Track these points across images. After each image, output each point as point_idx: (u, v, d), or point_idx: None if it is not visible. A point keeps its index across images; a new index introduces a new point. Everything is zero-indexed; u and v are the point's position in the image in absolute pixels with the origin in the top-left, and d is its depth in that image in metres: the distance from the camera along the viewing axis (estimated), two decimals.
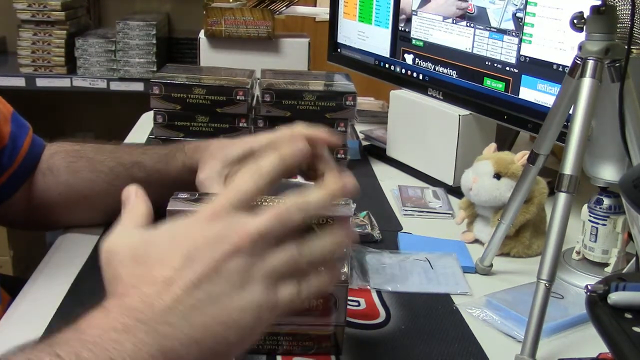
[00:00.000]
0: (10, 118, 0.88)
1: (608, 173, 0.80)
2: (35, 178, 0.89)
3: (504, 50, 1.04)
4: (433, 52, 1.19)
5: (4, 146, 0.86)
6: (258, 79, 1.21)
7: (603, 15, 0.71)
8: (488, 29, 1.06)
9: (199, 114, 1.10)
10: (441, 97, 1.17)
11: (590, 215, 0.84)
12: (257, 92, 1.17)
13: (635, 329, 0.52)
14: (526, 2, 0.99)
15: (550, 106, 0.79)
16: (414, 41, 1.23)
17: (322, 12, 1.68)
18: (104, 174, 0.88)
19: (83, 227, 0.91)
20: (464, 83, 1.13)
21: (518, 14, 1.01)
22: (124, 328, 0.44)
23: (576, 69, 0.72)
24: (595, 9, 0.71)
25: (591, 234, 0.84)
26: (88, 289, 0.76)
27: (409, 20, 1.22)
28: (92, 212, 0.91)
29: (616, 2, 0.72)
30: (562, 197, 0.67)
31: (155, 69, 2.42)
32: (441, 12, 1.15)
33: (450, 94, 1.15)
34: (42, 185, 0.89)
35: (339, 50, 1.45)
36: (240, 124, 1.11)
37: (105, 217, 0.90)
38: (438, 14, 1.15)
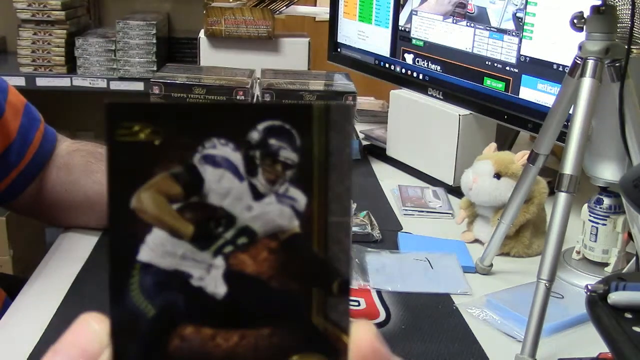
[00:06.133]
0: (23, 110, 0.87)
1: (608, 173, 0.80)
2: (49, 172, 0.88)
3: (504, 50, 1.04)
4: (433, 51, 1.19)
5: (12, 142, 0.85)
6: (258, 78, 1.21)
7: (603, 15, 0.70)
8: (488, 28, 1.06)
9: None
10: (441, 97, 1.17)
11: (590, 215, 0.84)
12: (257, 91, 1.17)
13: (635, 328, 0.52)
14: (526, 2, 0.99)
15: (550, 106, 0.79)
16: (414, 41, 1.23)
17: (322, 11, 1.68)
18: None
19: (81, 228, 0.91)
20: (464, 83, 1.13)
21: (518, 14, 1.00)
22: None
23: (576, 69, 0.72)
24: (595, 9, 0.71)
25: (591, 233, 0.84)
26: (88, 289, 0.76)
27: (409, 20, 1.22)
28: (91, 216, 0.89)
29: (616, 2, 0.72)
30: (562, 197, 0.67)
31: (155, 68, 2.42)
32: (439, 11, 1.14)
33: (451, 93, 1.15)
34: (53, 180, 0.88)
35: (339, 50, 1.45)
36: None
37: (101, 224, 0.89)
38: (436, 12, 1.15)
